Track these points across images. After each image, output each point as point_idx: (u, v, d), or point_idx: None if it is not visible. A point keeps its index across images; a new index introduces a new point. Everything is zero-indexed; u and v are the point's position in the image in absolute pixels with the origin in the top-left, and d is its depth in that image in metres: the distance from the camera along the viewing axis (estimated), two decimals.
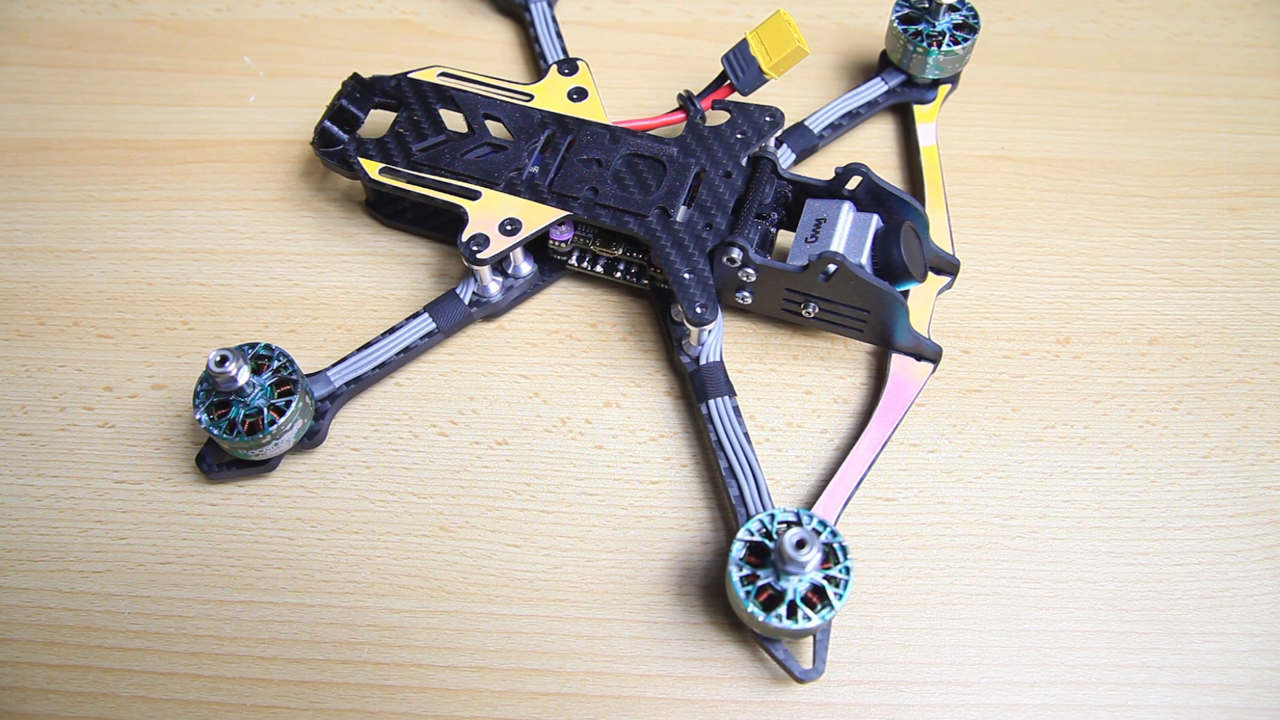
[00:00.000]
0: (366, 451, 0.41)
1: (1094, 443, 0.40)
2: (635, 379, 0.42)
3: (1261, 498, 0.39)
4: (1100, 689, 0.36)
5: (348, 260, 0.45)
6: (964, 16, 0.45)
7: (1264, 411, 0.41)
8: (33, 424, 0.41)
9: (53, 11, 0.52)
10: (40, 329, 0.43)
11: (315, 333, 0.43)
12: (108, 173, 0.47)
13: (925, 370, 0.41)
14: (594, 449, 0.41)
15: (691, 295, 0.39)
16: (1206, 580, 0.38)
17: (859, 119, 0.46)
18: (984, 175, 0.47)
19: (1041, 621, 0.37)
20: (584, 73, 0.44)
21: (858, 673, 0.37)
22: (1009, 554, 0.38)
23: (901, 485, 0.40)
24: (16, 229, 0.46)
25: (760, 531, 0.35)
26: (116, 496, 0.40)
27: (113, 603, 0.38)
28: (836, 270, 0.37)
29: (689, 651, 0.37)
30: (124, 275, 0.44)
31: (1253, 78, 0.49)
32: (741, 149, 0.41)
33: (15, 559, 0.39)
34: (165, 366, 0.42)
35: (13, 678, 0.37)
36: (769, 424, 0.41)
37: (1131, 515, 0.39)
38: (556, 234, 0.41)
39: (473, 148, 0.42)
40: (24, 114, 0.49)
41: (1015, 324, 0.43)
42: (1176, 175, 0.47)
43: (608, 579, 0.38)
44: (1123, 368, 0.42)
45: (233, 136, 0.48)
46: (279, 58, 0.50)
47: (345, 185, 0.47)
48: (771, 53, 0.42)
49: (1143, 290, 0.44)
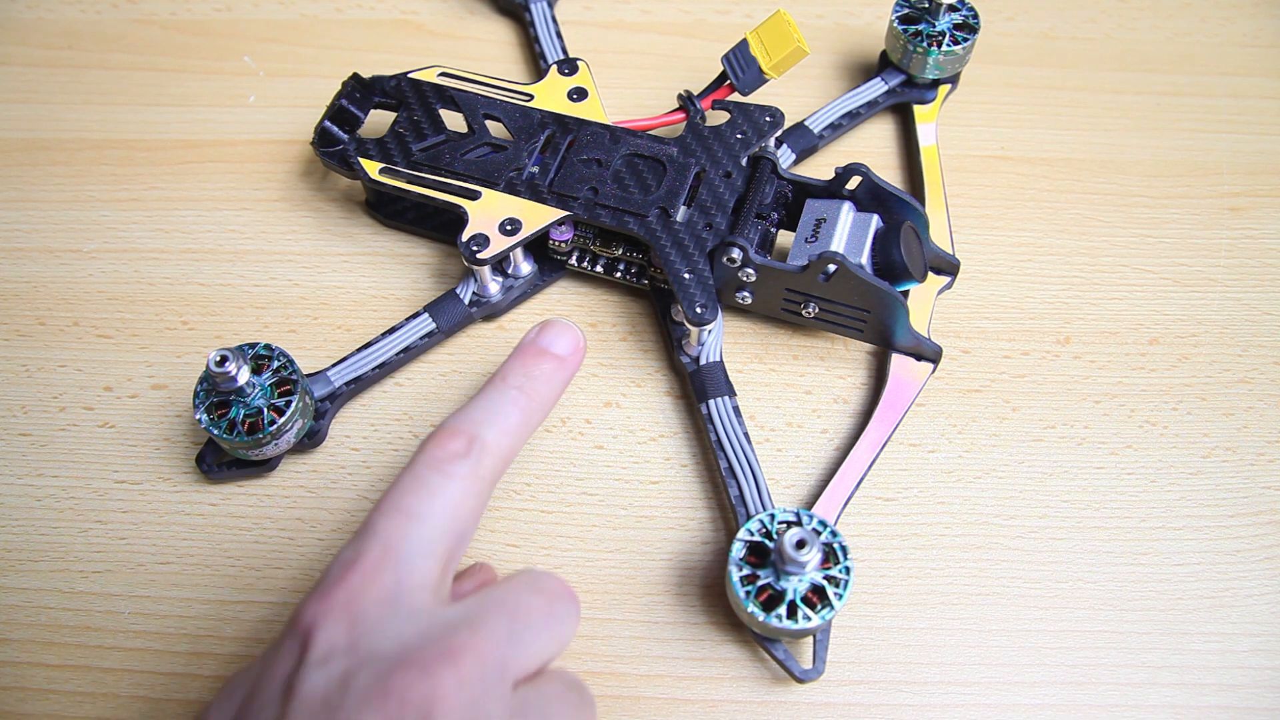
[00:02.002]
0: (366, 451, 0.41)
1: (1094, 443, 0.40)
2: (635, 379, 0.42)
3: (1261, 498, 0.39)
4: (1100, 689, 0.36)
5: (348, 260, 0.45)
6: (964, 16, 0.45)
7: (1264, 411, 0.41)
8: (33, 424, 0.41)
9: (53, 11, 0.52)
10: (40, 329, 0.43)
11: (315, 333, 0.43)
12: (108, 173, 0.47)
13: (925, 370, 0.41)
14: (594, 449, 0.41)
15: (691, 295, 0.39)
16: (1206, 580, 0.38)
17: (859, 119, 0.46)
18: (984, 175, 0.47)
19: (1041, 621, 0.37)
20: (584, 73, 0.44)
21: (858, 673, 0.37)
22: (1009, 554, 0.38)
23: (901, 485, 0.40)
24: (16, 229, 0.46)
25: (760, 531, 0.35)
26: (116, 496, 0.40)
27: (113, 603, 0.38)
28: (836, 270, 0.37)
29: (689, 651, 0.37)
30: (124, 275, 0.44)
31: (1253, 78, 0.49)
32: (741, 149, 0.41)
33: (15, 559, 0.39)
34: (165, 366, 0.42)
35: (13, 678, 0.37)
36: (769, 424, 0.41)
37: (1131, 515, 0.39)
38: (556, 234, 0.41)
39: (473, 148, 0.42)
40: (24, 114, 0.49)
41: (1015, 324, 0.43)
42: (1176, 175, 0.47)
43: (608, 579, 0.38)
44: (1123, 368, 0.42)
45: (233, 136, 0.48)
46: (279, 58, 0.50)
47: (345, 185, 0.47)
48: (771, 53, 0.42)
49: (1143, 290, 0.44)
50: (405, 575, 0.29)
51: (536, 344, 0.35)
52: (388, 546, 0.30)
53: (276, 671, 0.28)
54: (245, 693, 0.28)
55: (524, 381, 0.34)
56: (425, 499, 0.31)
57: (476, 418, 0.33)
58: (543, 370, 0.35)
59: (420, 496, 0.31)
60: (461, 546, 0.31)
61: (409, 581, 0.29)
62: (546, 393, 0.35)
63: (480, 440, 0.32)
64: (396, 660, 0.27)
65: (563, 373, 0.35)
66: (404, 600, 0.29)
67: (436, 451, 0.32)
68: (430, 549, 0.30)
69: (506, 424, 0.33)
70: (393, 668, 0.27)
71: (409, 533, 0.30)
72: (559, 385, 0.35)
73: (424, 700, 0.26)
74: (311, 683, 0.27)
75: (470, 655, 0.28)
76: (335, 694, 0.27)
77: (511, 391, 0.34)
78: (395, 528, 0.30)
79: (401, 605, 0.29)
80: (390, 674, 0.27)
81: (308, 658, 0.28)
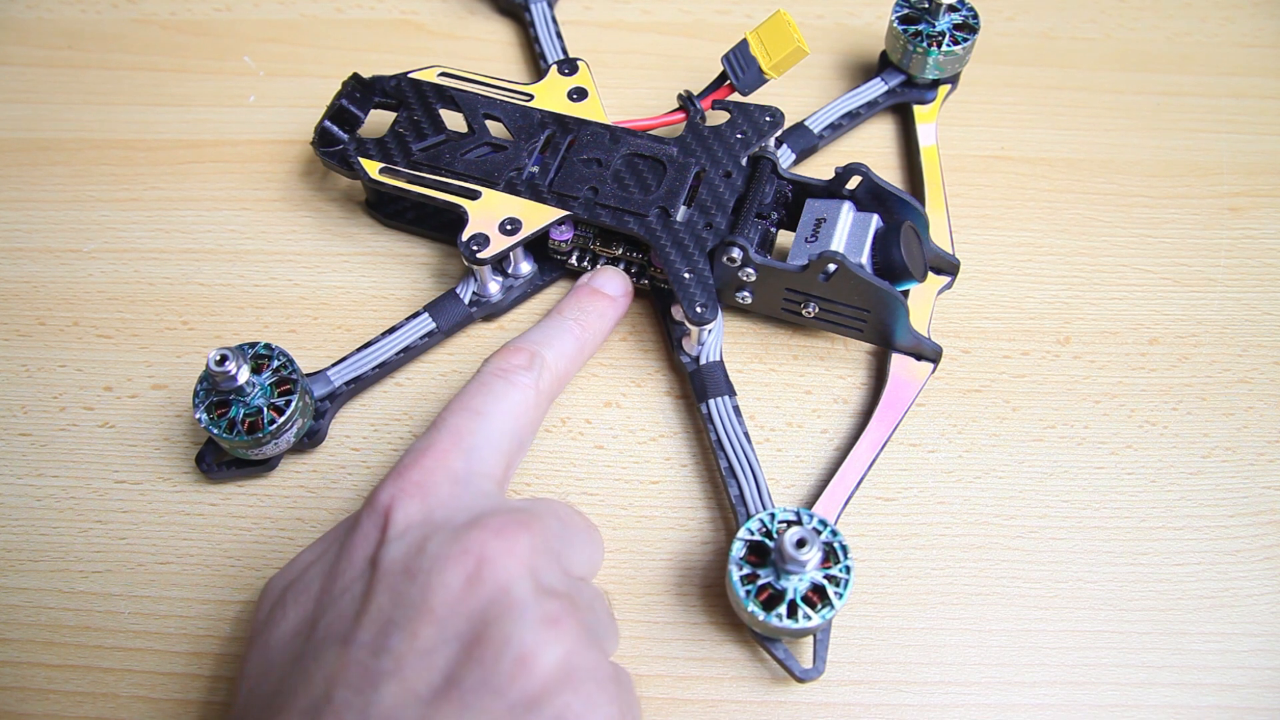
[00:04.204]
0: (366, 451, 0.41)
1: (1094, 443, 0.40)
2: (635, 379, 0.42)
3: (1261, 498, 0.39)
4: (1100, 689, 0.36)
5: (348, 260, 0.45)
6: (964, 16, 0.46)
7: (1264, 411, 0.41)
8: (33, 424, 0.41)
9: (53, 11, 0.52)
10: (40, 329, 0.43)
11: (315, 333, 0.43)
12: (108, 173, 0.47)
13: (925, 370, 0.41)
14: (594, 449, 0.41)
15: (691, 295, 0.39)
16: (1206, 580, 0.38)
17: (859, 119, 0.46)
18: (984, 175, 0.47)
19: (1041, 621, 0.37)
20: (584, 73, 0.44)
21: (858, 673, 0.37)
22: (1009, 554, 0.38)
23: (901, 485, 0.40)
24: (16, 229, 0.46)
25: (760, 531, 0.35)
26: (116, 496, 0.40)
27: (113, 603, 0.38)
28: (836, 270, 0.37)
29: (689, 651, 0.37)
30: (124, 275, 0.44)
31: (1253, 78, 0.49)
32: (741, 149, 0.41)
33: (15, 559, 0.39)
34: (165, 366, 0.42)
35: (13, 678, 0.37)
36: (769, 424, 0.41)
37: (1131, 515, 0.39)
38: (556, 234, 0.41)
39: (473, 148, 0.42)
40: (24, 114, 0.49)
41: (1015, 324, 0.43)
42: (1176, 175, 0.47)
43: (608, 579, 0.38)
44: (1123, 368, 0.42)
45: (233, 136, 0.48)
46: (279, 58, 0.50)
47: (345, 185, 0.47)
48: (771, 53, 0.42)
49: (1143, 290, 0.44)
50: (474, 462, 0.33)
51: (590, 285, 0.40)
52: (458, 436, 0.33)
53: (359, 551, 0.31)
54: (325, 575, 0.31)
55: (579, 314, 0.39)
56: (491, 400, 0.34)
57: (537, 338, 0.37)
58: (596, 306, 0.39)
59: (487, 398, 0.34)
60: (521, 453, 0.35)
61: (477, 467, 0.33)
62: (600, 326, 0.39)
63: (541, 357, 0.36)
64: (471, 524, 0.30)
65: (614, 310, 0.40)
66: (473, 483, 0.32)
67: (501, 363, 0.36)
68: (496, 443, 0.34)
69: (564, 348, 0.37)
70: (467, 529, 0.30)
71: (476, 427, 0.33)
72: (610, 322, 0.40)
73: (496, 555, 0.29)
74: (392, 554, 0.30)
75: (537, 529, 0.31)
76: (414, 557, 0.30)
77: (569, 322, 0.38)
78: (463, 422, 0.33)
79: (471, 486, 0.32)
80: (464, 534, 0.30)
81: (388, 534, 0.31)
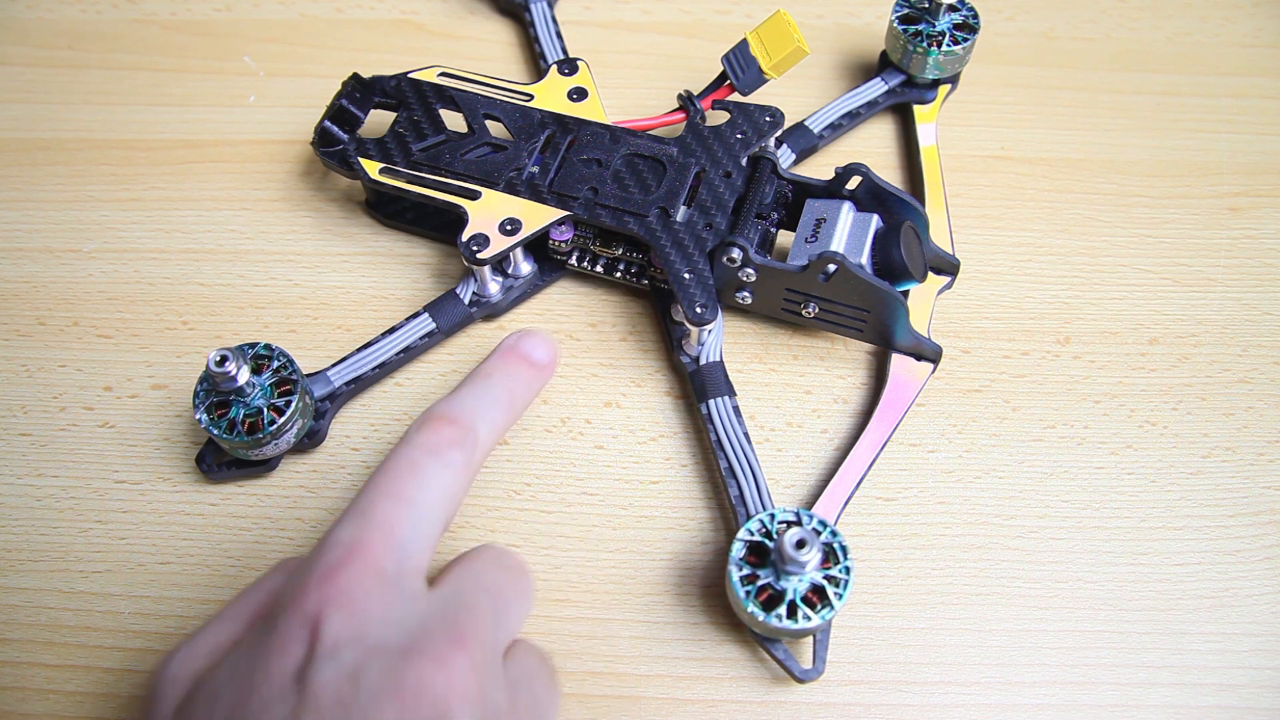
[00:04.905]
0: (366, 451, 0.41)
1: (1094, 443, 0.40)
2: (635, 379, 0.42)
3: (1261, 498, 0.39)
4: (1100, 689, 0.36)
5: (348, 260, 0.45)
6: (964, 16, 0.45)
7: (1264, 411, 0.41)
8: (33, 424, 0.41)
9: (53, 11, 0.52)
10: (40, 329, 0.43)
11: (315, 333, 0.43)
12: (108, 173, 0.47)
13: (925, 370, 0.41)
14: (594, 449, 0.41)
15: (691, 295, 0.39)
16: (1206, 580, 0.38)
17: (859, 119, 0.46)
18: (984, 175, 0.47)
19: (1041, 621, 0.37)
20: (584, 73, 0.44)
21: (858, 673, 0.37)
22: (1009, 554, 0.38)
23: (901, 485, 0.40)
24: (16, 229, 0.46)
25: (760, 531, 0.35)
26: (116, 496, 0.40)
27: (113, 603, 0.38)
28: (836, 270, 0.37)
29: (689, 651, 0.37)
30: (124, 275, 0.44)
31: (1253, 78, 0.49)
32: (741, 149, 0.41)
33: (15, 559, 0.39)
34: (165, 366, 0.42)
35: (13, 678, 0.37)
36: (769, 424, 0.41)
37: (1131, 515, 0.39)
38: (556, 234, 0.41)
39: (473, 148, 0.42)
40: (24, 114, 0.49)
41: (1015, 324, 0.43)
42: (1176, 175, 0.47)
43: (608, 579, 0.38)
44: (1123, 368, 0.42)
45: (233, 136, 0.48)
46: (279, 58, 0.50)
47: (345, 185, 0.47)
48: (771, 53, 0.42)
49: (1143, 290, 0.44)
50: (405, 559, 0.29)
51: (519, 349, 0.36)
52: (389, 531, 0.29)
53: (283, 663, 0.27)
54: (239, 684, 0.27)
55: (509, 381, 0.35)
56: (423, 487, 0.31)
57: (469, 407, 0.33)
58: (524, 375, 0.36)
59: (419, 484, 0.31)
60: (446, 530, 0.32)
61: (407, 566, 0.29)
62: (526, 397, 0.36)
63: (474, 431, 0.32)
64: (406, 650, 0.27)
65: (540, 381, 0.36)
66: (404, 586, 0.29)
67: (432, 438, 0.32)
68: (426, 533, 0.30)
69: (495, 420, 0.34)
70: (405, 658, 0.27)
71: (406, 517, 0.30)
72: (535, 393, 0.36)
73: (442, 690, 0.27)
74: (324, 677, 0.27)
75: (474, 640, 0.28)
76: (348, 691, 0.26)
77: (498, 391, 0.34)
78: (393, 512, 0.30)
79: (403, 591, 0.29)
80: (403, 666, 0.27)
81: (316, 651, 0.27)
